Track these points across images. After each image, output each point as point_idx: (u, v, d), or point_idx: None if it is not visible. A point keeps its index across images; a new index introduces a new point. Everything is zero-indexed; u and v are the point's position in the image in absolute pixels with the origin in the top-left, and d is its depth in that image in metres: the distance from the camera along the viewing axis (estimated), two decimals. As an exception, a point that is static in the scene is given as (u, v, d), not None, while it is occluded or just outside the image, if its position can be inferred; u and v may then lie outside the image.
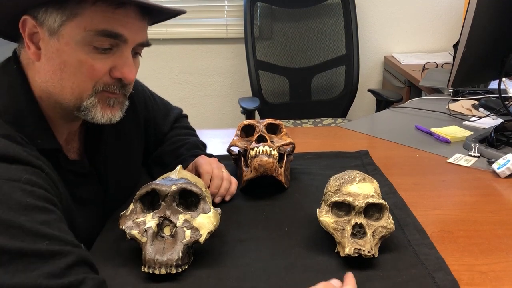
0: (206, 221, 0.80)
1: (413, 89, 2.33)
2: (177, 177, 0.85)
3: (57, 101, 0.81)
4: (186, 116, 1.31)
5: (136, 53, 0.86)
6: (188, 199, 0.83)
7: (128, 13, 0.79)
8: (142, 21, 0.82)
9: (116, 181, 0.99)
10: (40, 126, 0.82)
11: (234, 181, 1.05)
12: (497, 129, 1.36)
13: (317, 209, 0.86)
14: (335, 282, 0.73)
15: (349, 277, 0.74)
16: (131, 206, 0.82)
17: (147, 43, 0.86)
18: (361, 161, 1.24)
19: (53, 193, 0.74)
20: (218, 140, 1.40)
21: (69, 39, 0.77)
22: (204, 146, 1.22)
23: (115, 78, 0.81)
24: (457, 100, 1.75)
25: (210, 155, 1.13)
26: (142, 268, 0.76)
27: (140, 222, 0.79)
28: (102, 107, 0.82)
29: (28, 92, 0.82)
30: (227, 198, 1.03)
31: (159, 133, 1.19)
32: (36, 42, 0.79)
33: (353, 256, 0.78)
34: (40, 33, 0.78)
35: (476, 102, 1.69)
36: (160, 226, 0.79)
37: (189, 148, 1.14)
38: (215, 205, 0.97)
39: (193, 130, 1.28)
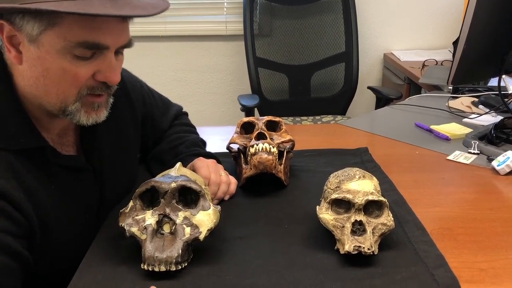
0: (205, 218, 0.80)
1: (413, 86, 2.33)
2: (176, 174, 0.85)
3: (42, 104, 0.82)
4: (186, 114, 1.31)
5: (118, 52, 0.83)
6: (188, 197, 0.83)
7: (108, 20, 0.76)
8: (123, 23, 0.80)
9: (113, 177, 0.98)
10: (23, 125, 0.82)
11: (233, 181, 1.05)
12: (497, 126, 1.36)
13: (317, 206, 0.86)
14: None
15: None
16: (131, 203, 0.82)
17: (129, 44, 0.84)
18: (361, 158, 1.24)
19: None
20: (217, 138, 1.40)
21: (50, 48, 0.76)
22: (203, 143, 1.22)
23: (99, 81, 0.81)
24: (456, 97, 1.75)
25: (209, 154, 1.13)
26: (141, 265, 0.76)
27: (139, 219, 0.79)
28: (86, 111, 0.83)
29: (10, 92, 0.81)
30: (226, 198, 1.03)
31: (157, 130, 1.18)
32: (16, 45, 0.78)
33: (353, 253, 0.78)
34: (19, 37, 0.76)
35: (476, 99, 1.69)
36: (159, 223, 0.79)
37: (188, 146, 1.14)
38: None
39: (193, 127, 1.27)
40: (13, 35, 0.77)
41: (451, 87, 1.81)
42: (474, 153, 1.28)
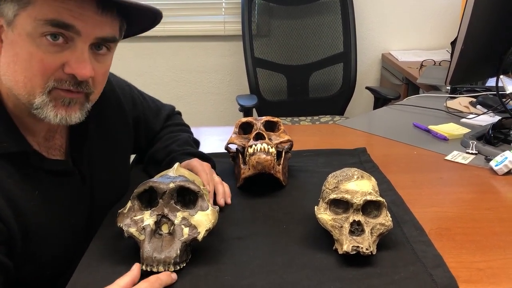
0: (204, 218, 0.80)
1: (411, 87, 2.33)
2: (175, 175, 0.84)
3: (17, 97, 0.78)
4: (179, 113, 1.30)
5: (100, 51, 0.80)
6: (186, 197, 0.83)
7: (81, 5, 0.74)
8: (101, 15, 0.76)
9: (103, 181, 0.97)
10: (6, 128, 0.79)
11: (226, 185, 1.05)
12: (495, 126, 1.36)
13: (315, 207, 0.86)
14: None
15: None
16: (129, 204, 0.82)
17: (111, 39, 0.80)
18: (359, 159, 1.24)
19: None
20: (215, 138, 1.40)
21: (21, 30, 0.74)
22: (196, 143, 1.21)
23: (68, 74, 0.76)
24: (454, 98, 1.75)
25: (202, 154, 1.13)
26: (140, 266, 0.76)
27: (138, 220, 0.79)
28: (55, 106, 0.78)
29: None
30: (228, 201, 1.02)
31: (150, 132, 1.18)
32: (1, 34, 0.77)
33: (351, 253, 0.78)
34: (3, 25, 0.76)
35: (474, 100, 1.69)
36: (158, 223, 0.79)
37: (180, 145, 1.14)
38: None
39: (187, 126, 1.26)
40: (1, 25, 0.76)
41: (449, 87, 1.81)
42: (472, 153, 1.28)
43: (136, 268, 0.75)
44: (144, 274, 0.76)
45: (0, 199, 0.76)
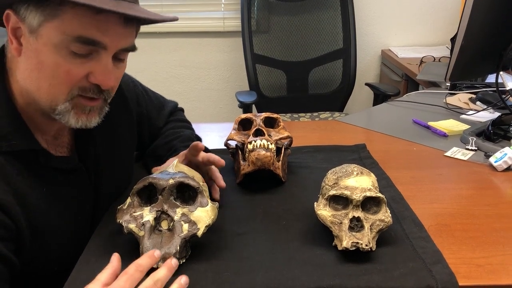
0: (203, 214, 0.80)
1: (410, 83, 2.33)
2: (174, 171, 0.84)
3: (35, 100, 0.80)
4: (182, 110, 1.30)
5: (119, 58, 0.82)
6: (186, 193, 0.83)
7: (109, 19, 0.75)
8: (125, 27, 0.78)
9: (108, 177, 0.97)
10: (16, 126, 0.80)
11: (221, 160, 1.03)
12: (494, 122, 1.36)
13: (315, 203, 0.86)
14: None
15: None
16: (128, 200, 0.82)
17: (131, 48, 0.82)
18: (359, 155, 1.24)
19: None
20: (215, 134, 1.40)
21: (47, 40, 0.75)
22: (198, 139, 1.21)
23: (92, 83, 0.79)
24: (454, 94, 1.75)
25: (205, 151, 1.12)
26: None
27: (137, 216, 0.79)
28: (76, 113, 0.80)
29: (4, 92, 0.81)
30: (222, 183, 1.00)
31: (153, 128, 1.18)
32: (19, 37, 0.78)
33: (351, 249, 0.78)
34: (22, 29, 0.76)
35: (474, 96, 1.69)
36: (157, 220, 0.79)
37: (183, 141, 1.14)
38: (212, 199, 0.97)
39: (189, 123, 1.27)
40: (18, 27, 0.77)
41: (449, 84, 1.81)
42: (471, 150, 1.28)
43: (115, 259, 0.73)
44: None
45: (10, 196, 0.77)
